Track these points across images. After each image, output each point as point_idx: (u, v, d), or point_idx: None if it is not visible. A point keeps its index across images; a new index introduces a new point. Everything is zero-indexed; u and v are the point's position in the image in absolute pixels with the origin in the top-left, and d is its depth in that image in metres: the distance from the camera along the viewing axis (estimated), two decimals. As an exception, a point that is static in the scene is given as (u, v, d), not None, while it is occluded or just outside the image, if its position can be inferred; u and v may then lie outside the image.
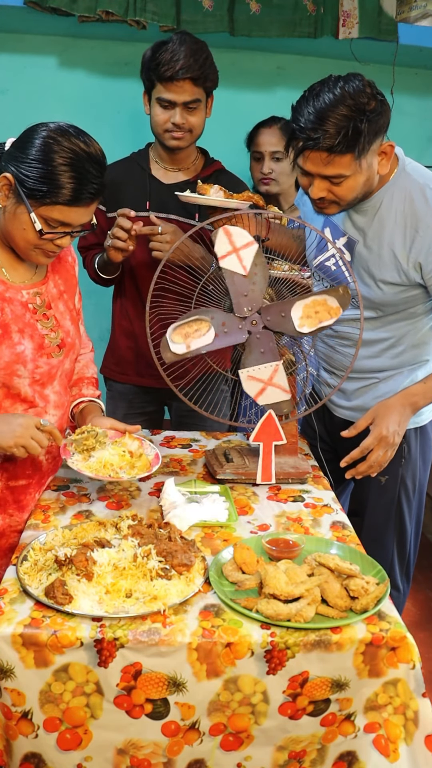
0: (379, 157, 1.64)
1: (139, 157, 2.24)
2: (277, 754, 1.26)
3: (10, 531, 1.60)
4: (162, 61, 1.98)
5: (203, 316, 1.66)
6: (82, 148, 1.41)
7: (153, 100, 2.07)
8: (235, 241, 1.65)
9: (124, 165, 2.23)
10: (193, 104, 2.04)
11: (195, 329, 1.66)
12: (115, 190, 2.16)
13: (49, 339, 1.58)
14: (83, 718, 1.20)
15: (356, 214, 1.77)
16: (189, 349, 1.66)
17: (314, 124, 1.55)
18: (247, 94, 3.28)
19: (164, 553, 1.31)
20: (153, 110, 2.09)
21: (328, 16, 2.99)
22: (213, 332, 1.67)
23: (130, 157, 2.26)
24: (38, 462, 1.62)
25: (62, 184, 1.39)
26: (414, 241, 1.70)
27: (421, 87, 3.42)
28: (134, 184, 2.19)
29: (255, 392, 1.72)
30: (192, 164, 2.21)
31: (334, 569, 1.30)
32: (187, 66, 1.98)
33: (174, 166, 2.19)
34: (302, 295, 1.69)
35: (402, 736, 1.25)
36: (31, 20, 2.91)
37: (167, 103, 2.04)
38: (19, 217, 1.43)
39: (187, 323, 1.66)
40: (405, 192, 1.71)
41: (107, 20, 2.83)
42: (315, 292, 1.70)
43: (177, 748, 1.22)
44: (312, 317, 1.68)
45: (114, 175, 2.17)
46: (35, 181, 1.39)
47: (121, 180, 2.18)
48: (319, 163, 1.60)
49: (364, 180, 1.64)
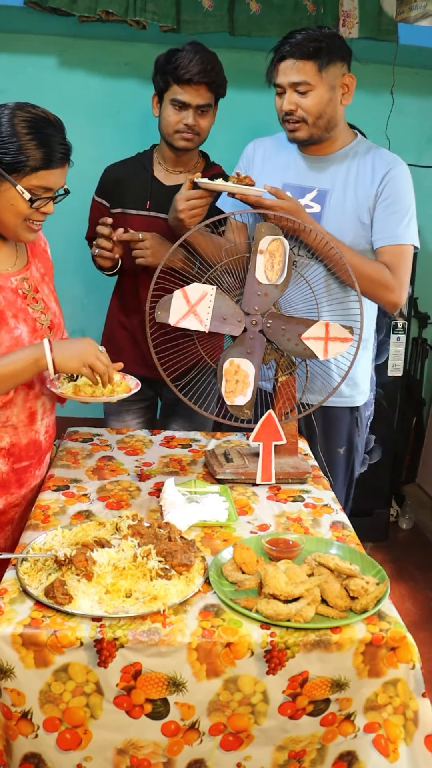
0: (342, 89, 1.91)
1: (143, 158, 2.32)
2: (276, 754, 1.26)
3: (9, 507, 1.68)
4: (180, 65, 2.07)
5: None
6: (41, 116, 1.54)
7: (166, 101, 2.15)
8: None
9: (128, 164, 2.32)
10: (205, 108, 2.14)
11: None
12: (118, 188, 2.27)
13: (40, 321, 1.67)
14: (83, 718, 1.20)
15: (321, 166, 1.96)
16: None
17: (284, 40, 1.88)
18: (247, 94, 3.26)
19: (164, 553, 1.31)
20: (164, 111, 2.17)
21: (328, 16, 2.98)
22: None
23: (135, 157, 2.34)
24: (38, 442, 1.71)
25: (36, 149, 1.49)
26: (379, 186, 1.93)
27: (421, 87, 3.42)
28: (136, 183, 2.26)
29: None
30: (194, 167, 2.29)
31: (334, 569, 1.30)
32: (204, 71, 2.08)
33: (176, 169, 2.27)
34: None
35: (402, 736, 1.25)
36: (31, 20, 2.91)
37: (181, 105, 2.12)
38: (5, 195, 1.52)
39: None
40: (369, 149, 1.99)
41: (107, 20, 2.83)
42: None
43: (177, 748, 1.22)
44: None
45: (118, 173, 2.31)
46: (12, 155, 1.48)
47: (123, 178, 2.28)
48: (289, 72, 1.87)
49: (328, 99, 1.89)
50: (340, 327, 1.71)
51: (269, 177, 1.94)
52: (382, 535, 3.39)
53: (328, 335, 1.71)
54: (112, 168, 2.36)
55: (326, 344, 1.71)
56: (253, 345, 1.72)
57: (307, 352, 1.72)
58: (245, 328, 1.71)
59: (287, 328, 1.71)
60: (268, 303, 1.70)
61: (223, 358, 1.73)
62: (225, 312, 1.69)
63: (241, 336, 1.71)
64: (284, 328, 1.71)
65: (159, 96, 2.19)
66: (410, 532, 3.56)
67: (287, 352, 1.74)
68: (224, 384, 1.73)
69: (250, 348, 1.72)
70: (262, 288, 1.69)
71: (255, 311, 1.70)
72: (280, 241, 1.68)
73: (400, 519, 3.60)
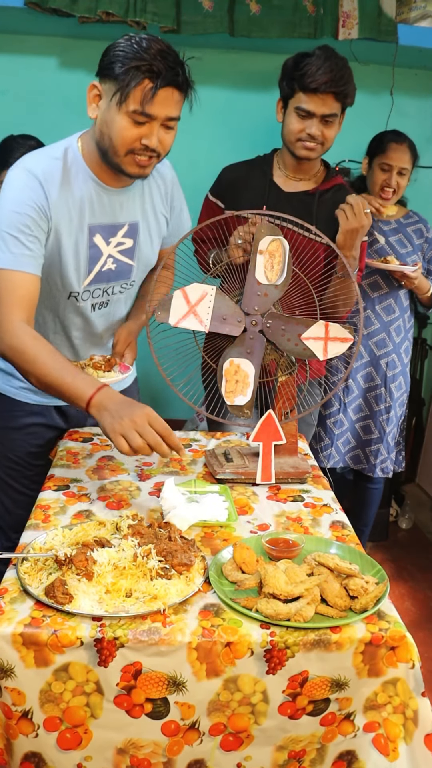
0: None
1: (263, 162, 2.29)
2: (276, 753, 1.26)
3: None
4: (308, 72, 2.04)
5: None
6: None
7: (290, 108, 2.13)
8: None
9: (246, 167, 2.29)
10: (330, 118, 2.10)
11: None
12: (235, 190, 2.24)
13: None
14: (83, 717, 1.20)
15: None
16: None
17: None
18: (247, 95, 3.27)
19: (164, 552, 1.31)
20: (288, 118, 2.14)
21: (328, 16, 2.99)
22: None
23: (255, 161, 2.31)
24: None
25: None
26: None
27: (420, 87, 3.42)
28: (253, 187, 2.23)
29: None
30: (314, 175, 2.26)
31: (333, 569, 1.31)
32: (332, 80, 2.04)
33: (297, 176, 2.24)
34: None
35: (401, 735, 1.26)
36: (32, 21, 2.92)
37: (306, 114, 2.09)
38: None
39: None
40: None
41: (107, 21, 2.83)
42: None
43: (177, 748, 1.23)
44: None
45: (235, 175, 2.28)
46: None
47: (241, 181, 2.25)
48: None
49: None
50: (339, 327, 1.71)
51: None
52: (382, 534, 3.40)
53: (327, 335, 1.71)
54: (229, 168, 2.32)
55: (326, 344, 1.71)
56: (253, 345, 1.72)
57: (307, 352, 1.72)
58: (245, 328, 1.71)
59: (287, 328, 1.71)
60: (267, 303, 1.70)
61: (223, 358, 1.73)
62: (225, 312, 1.69)
63: (241, 336, 1.71)
64: (284, 328, 1.71)
65: (284, 101, 2.16)
66: (410, 532, 3.56)
67: (287, 352, 1.74)
68: (224, 384, 1.74)
69: (249, 348, 1.72)
70: (261, 288, 1.69)
71: (255, 311, 1.70)
72: (280, 241, 1.68)
73: (399, 519, 3.60)
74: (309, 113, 2.08)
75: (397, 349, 2.85)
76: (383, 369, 2.85)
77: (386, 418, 2.88)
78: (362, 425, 2.92)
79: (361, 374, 2.86)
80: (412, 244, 2.81)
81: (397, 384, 2.89)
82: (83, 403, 1.52)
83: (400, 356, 2.87)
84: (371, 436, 2.91)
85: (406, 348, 2.90)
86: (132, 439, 1.44)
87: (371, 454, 2.92)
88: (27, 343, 1.58)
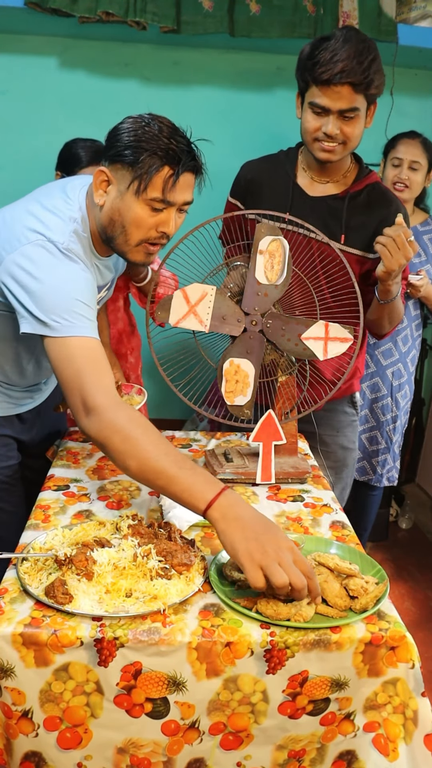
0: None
1: (286, 159, 2.02)
2: (276, 753, 1.26)
3: None
4: (320, 61, 1.74)
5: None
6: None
7: (305, 103, 1.84)
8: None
9: (268, 164, 2.03)
10: (350, 113, 1.79)
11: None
12: (255, 190, 2.01)
13: None
14: (83, 717, 1.20)
15: None
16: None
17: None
18: (247, 95, 3.28)
19: (164, 552, 1.31)
20: (304, 115, 1.86)
21: (328, 16, 2.99)
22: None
23: (277, 157, 2.05)
24: None
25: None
26: None
27: (420, 87, 3.43)
28: (276, 188, 1.98)
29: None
30: (343, 176, 1.97)
31: (333, 569, 1.31)
32: (348, 69, 1.72)
33: (322, 178, 1.96)
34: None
35: (401, 735, 1.26)
36: (32, 21, 2.92)
37: (320, 110, 1.80)
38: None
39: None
40: None
41: (107, 21, 2.84)
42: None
43: (177, 747, 1.23)
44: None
45: (255, 173, 2.03)
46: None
47: (262, 180, 2.00)
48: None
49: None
50: (339, 327, 1.71)
51: None
52: (382, 534, 3.40)
53: (327, 335, 1.71)
54: (248, 167, 2.07)
55: (326, 344, 1.71)
56: (253, 345, 1.72)
57: (307, 352, 1.72)
58: (245, 328, 1.71)
59: (287, 328, 1.72)
60: (267, 303, 1.71)
61: (223, 358, 1.74)
62: (224, 312, 1.69)
63: (241, 336, 1.72)
64: (284, 328, 1.71)
65: (301, 95, 1.87)
66: (410, 532, 3.56)
67: (287, 352, 1.74)
68: (224, 384, 1.74)
69: (249, 348, 1.72)
70: (261, 288, 1.69)
71: (255, 311, 1.71)
72: (280, 241, 1.68)
73: (399, 519, 3.60)
74: (324, 109, 1.79)
75: (404, 358, 2.82)
76: (389, 379, 2.81)
77: (393, 428, 2.85)
78: (368, 436, 2.89)
79: (367, 384, 2.82)
80: (426, 253, 2.72)
81: (403, 393, 2.86)
82: (201, 506, 1.28)
83: (406, 365, 2.83)
84: (378, 446, 2.88)
85: (413, 357, 2.87)
86: (276, 575, 1.18)
87: (378, 465, 2.88)
88: (124, 422, 1.35)
